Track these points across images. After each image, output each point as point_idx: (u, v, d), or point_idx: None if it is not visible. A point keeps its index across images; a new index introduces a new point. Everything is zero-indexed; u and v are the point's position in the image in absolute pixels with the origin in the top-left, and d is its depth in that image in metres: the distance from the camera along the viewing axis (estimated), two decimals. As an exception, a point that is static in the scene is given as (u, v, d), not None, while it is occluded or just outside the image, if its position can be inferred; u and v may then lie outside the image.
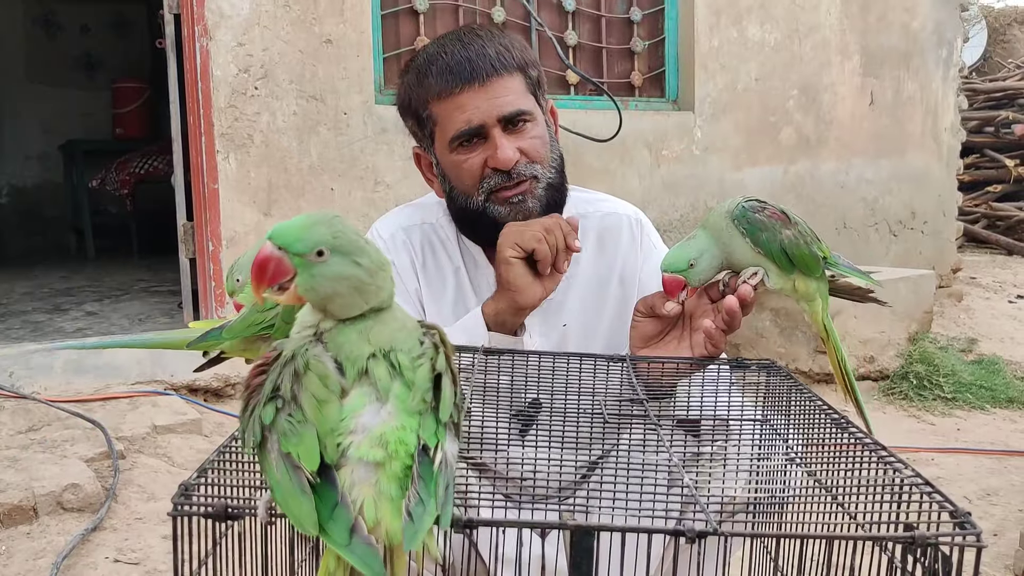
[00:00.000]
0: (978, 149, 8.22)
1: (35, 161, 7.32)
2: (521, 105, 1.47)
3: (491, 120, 1.45)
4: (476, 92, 1.44)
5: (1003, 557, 2.28)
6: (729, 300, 1.29)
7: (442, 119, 1.48)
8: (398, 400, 0.76)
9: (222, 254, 3.40)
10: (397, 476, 0.71)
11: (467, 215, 1.51)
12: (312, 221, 0.79)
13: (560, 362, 1.31)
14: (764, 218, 1.28)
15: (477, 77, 1.44)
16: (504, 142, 1.44)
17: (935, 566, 0.74)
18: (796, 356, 3.94)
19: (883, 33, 5.09)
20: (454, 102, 1.45)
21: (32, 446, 2.56)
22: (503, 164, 1.45)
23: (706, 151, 4.54)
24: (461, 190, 1.50)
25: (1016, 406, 3.81)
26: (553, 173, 1.51)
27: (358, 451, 0.72)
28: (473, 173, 1.47)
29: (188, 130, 3.50)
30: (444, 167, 1.53)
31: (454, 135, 1.46)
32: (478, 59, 1.45)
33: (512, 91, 1.46)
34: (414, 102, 1.52)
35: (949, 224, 5.57)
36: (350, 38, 3.62)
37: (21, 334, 3.61)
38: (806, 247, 1.30)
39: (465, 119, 1.45)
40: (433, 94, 1.47)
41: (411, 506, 0.70)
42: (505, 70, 1.46)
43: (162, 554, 2.15)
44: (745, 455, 1.20)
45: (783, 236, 1.28)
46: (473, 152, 1.47)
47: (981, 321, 5.11)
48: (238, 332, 1.11)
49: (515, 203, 1.47)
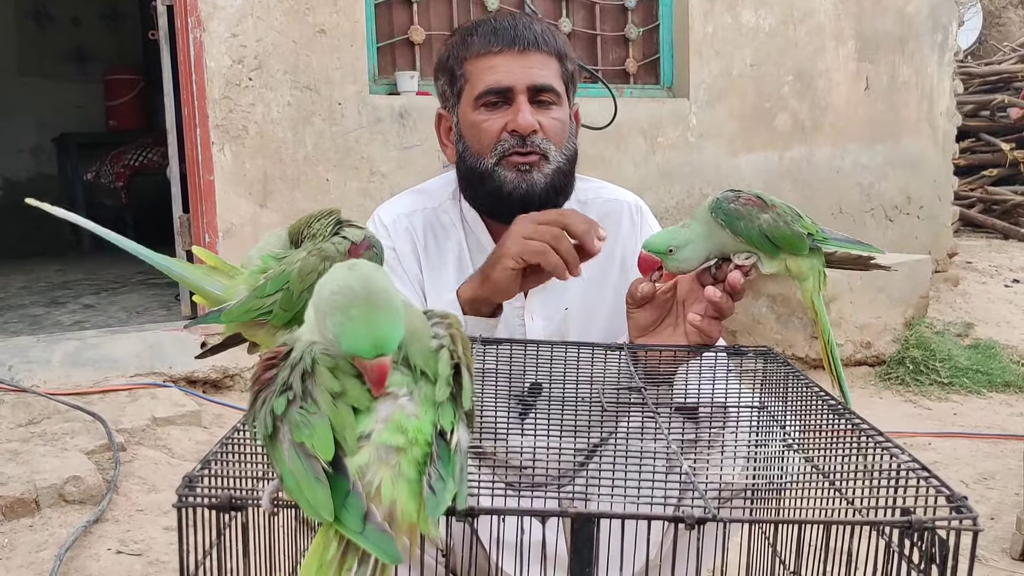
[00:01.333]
0: (974, 133, 8.22)
1: (29, 154, 7.28)
2: (551, 82, 1.51)
3: (520, 85, 1.48)
4: (513, 56, 1.49)
5: (1000, 540, 2.30)
6: (709, 290, 1.30)
7: (474, 76, 1.51)
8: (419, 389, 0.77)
9: (219, 245, 3.39)
10: (416, 461, 0.72)
11: (474, 175, 1.53)
12: (386, 322, 0.76)
13: (558, 350, 1.32)
14: (739, 207, 1.28)
15: (518, 43, 1.49)
16: (527, 108, 1.48)
17: (932, 550, 0.75)
18: (792, 342, 3.96)
19: (878, 18, 5.08)
20: (489, 61, 1.50)
21: (33, 439, 2.57)
22: (522, 127, 1.47)
23: (701, 138, 4.54)
24: (475, 150, 1.53)
25: (1012, 390, 3.83)
26: (564, 160, 1.53)
27: (380, 437, 0.72)
28: (491, 134, 1.50)
29: (183, 122, 3.49)
30: (463, 126, 1.55)
31: (482, 91, 1.50)
32: (523, 29, 1.51)
33: (547, 68, 1.51)
34: (452, 59, 1.55)
35: (945, 209, 5.57)
36: (343, 28, 3.61)
37: (19, 328, 3.61)
38: (786, 227, 1.29)
39: (496, 78, 1.49)
40: (472, 52, 1.51)
41: (432, 482, 0.72)
42: (545, 47, 1.51)
43: (164, 545, 2.16)
44: (743, 442, 1.21)
45: (761, 221, 1.28)
46: (495, 114, 1.50)
47: (977, 305, 5.12)
48: (236, 316, 1.11)
49: (522, 170, 1.49)
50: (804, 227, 1.31)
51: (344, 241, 1.14)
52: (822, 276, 1.34)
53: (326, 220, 1.20)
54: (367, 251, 1.15)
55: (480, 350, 1.29)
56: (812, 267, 1.34)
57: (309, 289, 1.07)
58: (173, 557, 2.10)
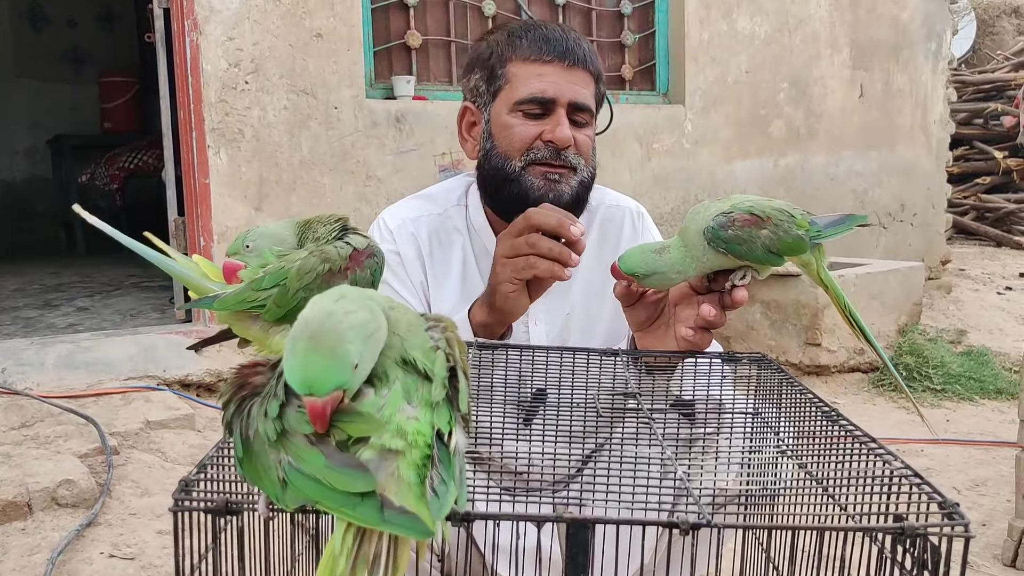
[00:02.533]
0: (967, 141, 8.26)
1: (23, 156, 7.27)
2: (590, 102, 1.54)
3: (563, 99, 1.50)
4: (562, 69, 1.50)
5: (992, 547, 2.31)
6: (704, 308, 1.29)
7: (517, 79, 1.52)
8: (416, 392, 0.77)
9: (213, 249, 3.39)
10: (415, 464, 0.72)
11: (500, 176, 1.53)
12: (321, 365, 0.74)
13: (554, 356, 1.32)
14: (737, 231, 1.25)
15: (568, 57, 1.51)
16: (566, 122, 1.50)
17: (924, 556, 0.75)
18: (786, 349, 3.97)
19: (873, 26, 5.11)
20: (538, 68, 1.51)
21: (25, 442, 2.56)
22: (561, 141, 1.49)
23: (696, 144, 4.55)
24: (503, 151, 1.53)
25: (1004, 397, 3.84)
26: (588, 175, 1.55)
27: (379, 440, 0.72)
28: (525, 139, 1.51)
29: (179, 125, 3.49)
30: (494, 126, 1.55)
31: (525, 97, 1.50)
32: (574, 44, 1.52)
33: (588, 87, 1.54)
34: (495, 56, 1.55)
35: (938, 216, 5.60)
36: (340, 32, 3.61)
37: (12, 330, 3.61)
38: (787, 236, 1.27)
39: (542, 87, 1.50)
40: (520, 55, 1.52)
41: (434, 484, 0.72)
42: (590, 67, 1.54)
43: (157, 549, 2.15)
44: (737, 448, 1.21)
45: (762, 238, 1.26)
46: (531, 122, 1.51)
47: (970, 313, 5.14)
48: (230, 305, 1.11)
49: (551, 180, 1.50)
50: (799, 226, 1.28)
51: (347, 247, 1.14)
52: (821, 255, 1.33)
53: (332, 225, 1.20)
54: (369, 259, 1.15)
55: (476, 355, 1.29)
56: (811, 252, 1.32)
57: (305, 288, 1.08)
58: (166, 561, 2.10)
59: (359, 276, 1.13)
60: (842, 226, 1.33)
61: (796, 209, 1.30)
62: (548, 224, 1.32)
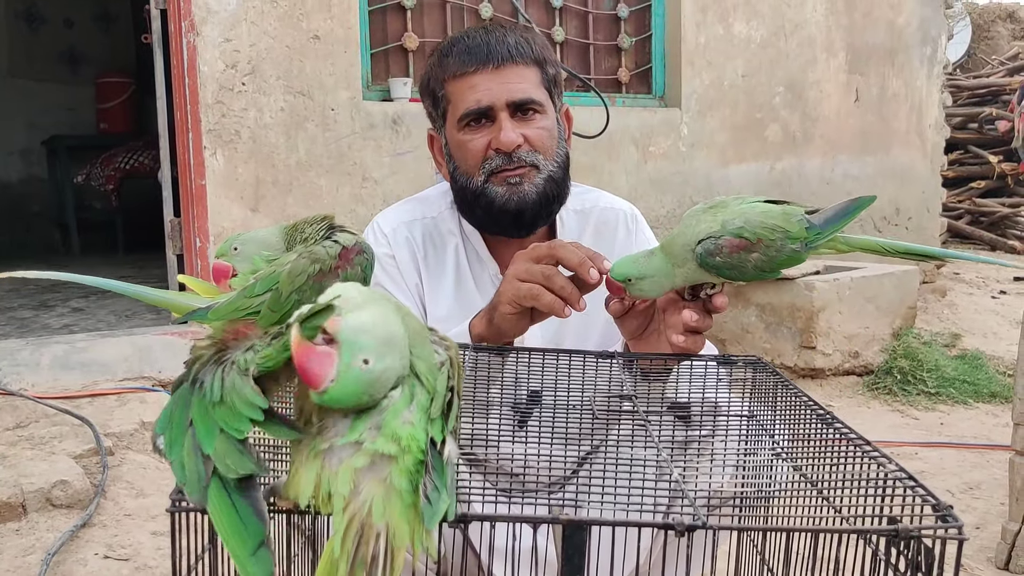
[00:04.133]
0: (962, 145, 8.28)
1: (18, 157, 7.26)
2: (532, 94, 1.51)
3: (499, 103, 1.49)
4: (489, 74, 1.49)
5: (985, 550, 2.31)
6: (685, 314, 1.29)
7: (455, 98, 1.52)
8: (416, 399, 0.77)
9: (209, 250, 3.39)
10: (408, 470, 0.72)
11: (467, 194, 1.54)
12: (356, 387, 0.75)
13: (549, 358, 1.33)
14: (725, 258, 1.23)
15: (492, 60, 1.49)
16: (508, 125, 1.49)
17: (918, 559, 0.76)
18: (781, 352, 3.97)
19: (868, 30, 5.12)
20: (468, 82, 1.50)
21: (20, 443, 2.56)
22: (504, 145, 1.48)
23: (692, 147, 4.56)
24: (464, 170, 1.54)
25: (998, 401, 3.85)
26: (555, 167, 1.53)
27: (372, 445, 0.73)
28: (476, 153, 1.51)
29: (175, 126, 3.49)
30: (451, 146, 1.56)
31: (463, 113, 1.50)
32: (496, 44, 1.50)
33: (525, 80, 1.51)
34: (432, 81, 1.56)
35: (933, 220, 5.61)
36: (337, 34, 3.62)
37: (7, 331, 3.60)
38: (779, 255, 1.24)
39: (475, 98, 1.49)
40: (450, 73, 1.52)
41: (428, 491, 0.72)
42: (521, 59, 1.51)
43: (152, 550, 2.15)
44: (732, 450, 1.22)
45: (752, 262, 1.24)
46: (479, 133, 1.51)
47: (964, 316, 5.16)
48: (224, 314, 1.11)
49: (512, 184, 1.49)
50: (794, 238, 1.24)
51: (335, 245, 1.15)
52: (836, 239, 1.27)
53: (318, 225, 1.20)
54: (358, 256, 1.15)
55: (472, 357, 1.29)
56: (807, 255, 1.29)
57: (298, 291, 1.08)
58: (160, 562, 2.10)
59: (350, 274, 1.14)
60: (846, 216, 1.27)
61: (794, 214, 1.26)
62: (569, 261, 1.29)
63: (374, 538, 0.70)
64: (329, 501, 0.72)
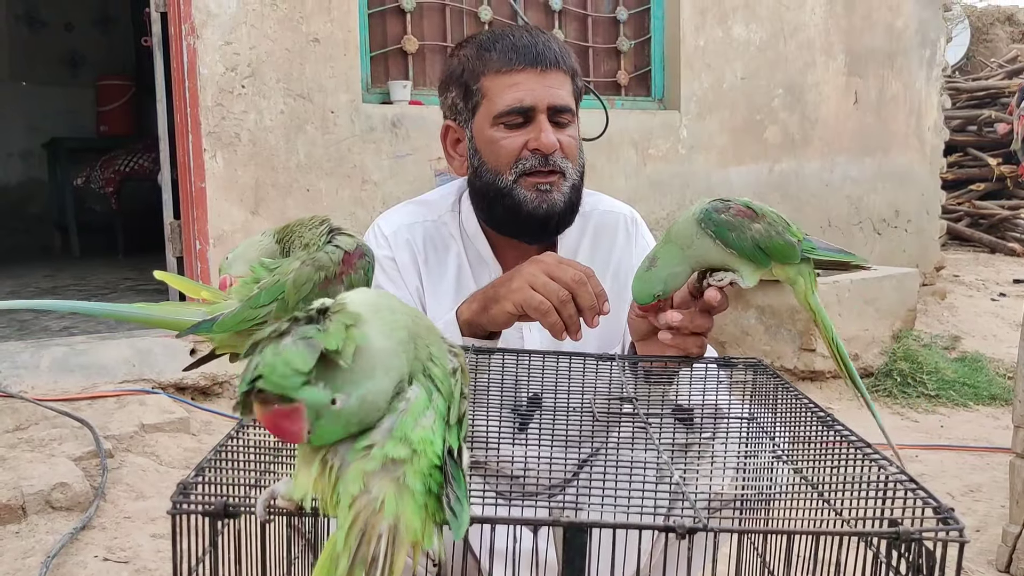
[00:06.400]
0: (961, 148, 8.29)
1: (18, 159, 7.26)
2: (568, 102, 1.53)
3: (542, 105, 1.50)
4: (535, 75, 1.50)
5: (986, 552, 2.31)
6: (670, 314, 1.30)
7: (493, 93, 1.51)
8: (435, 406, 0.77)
9: (209, 252, 3.39)
10: (421, 472, 0.71)
11: (491, 192, 1.53)
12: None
13: (550, 360, 1.33)
14: (730, 217, 1.26)
15: (540, 62, 1.50)
16: (549, 128, 1.50)
17: (919, 561, 0.76)
18: (781, 354, 3.97)
19: (867, 33, 5.13)
20: (511, 79, 1.50)
21: (20, 445, 2.55)
22: (546, 147, 1.49)
23: (692, 150, 4.56)
24: (492, 166, 1.53)
25: (998, 403, 3.85)
26: (578, 176, 1.55)
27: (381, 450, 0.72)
28: (511, 152, 1.51)
29: (175, 128, 3.49)
30: (479, 142, 1.55)
31: (503, 110, 1.50)
32: (544, 48, 1.51)
33: (564, 87, 1.53)
34: (467, 73, 1.55)
35: (932, 222, 5.62)
36: (337, 37, 3.62)
37: (7, 333, 3.60)
38: (779, 237, 1.27)
39: (518, 97, 1.49)
40: (492, 68, 1.51)
41: (452, 503, 0.72)
42: (563, 66, 1.53)
43: (151, 552, 2.15)
44: (733, 452, 1.22)
45: (753, 231, 1.26)
46: (515, 132, 1.51)
47: (964, 319, 5.16)
48: (230, 326, 1.10)
49: (542, 190, 1.50)
50: (793, 235, 1.29)
51: (337, 251, 1.14)
52: (812, 277, 1.32)
53: (318, 229, 1.20)
54: (360, 259, 1.15)
55: (473, 359, 1.29)
56: (800, 271, 1.32)
57: (305, 299, 1.07)
58: (160, 565, 2.09)
59: (353, 279, 1.14)
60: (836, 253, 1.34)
61: (794, 223, 1.31)
62: (583, 302, 1.32)
63: (376, 537, 0.69)
64: (335, 503, 0.71)
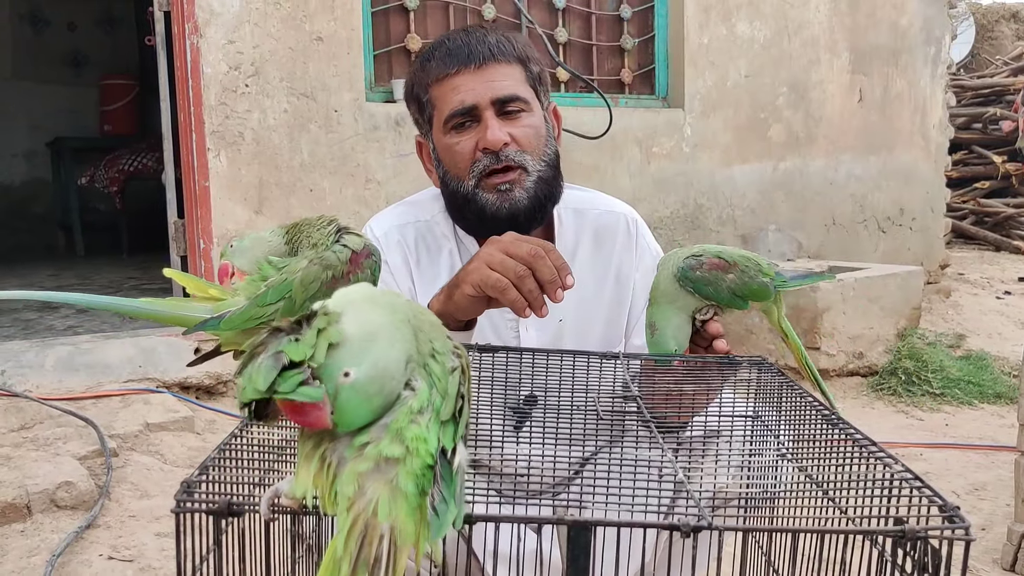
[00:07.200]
0: (966, 145, 8.27)
1: (22, 159, 7.27)
2: (516, 91, 1.49)
3: (483, 101, 1.47)
4: (472, 74, 1.48)
5: (991, 551, 2.31)
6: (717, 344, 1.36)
7: (439, 100, 1.51)
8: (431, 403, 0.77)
9: (213, 251, 3.40)
10: (414, 473, 0.71)
11: (458, 199, 1.52)
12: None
13: (554, 359, 1.32)
14: (704, 273, 1.34)
15: (473, 59, 1.48)
16: (494, 123, 1.47)
17: (924, 559, 0.75)
18: (785, 352, 3.97)
19: (872, 30, 5.12)
20: (450, 83, 1.49)
21: (25, 444, 2.56)
22: (491, 144, 1.46)
23: (696, 148, 4.56)
24: (454, 174, 1.52)
25: (1004, 401, 3.84)
26: (544, 167, 1.51)
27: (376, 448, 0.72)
28: (464, 156, 1.49)
29: (179, 127, 3.49)
30: (439, 151, 1.54)
31: (448, 115, 1.49)
32: (476, 44, 1.49)
33: (509, 77, 1.50)
34: (416, 87, 1.55)
35: (937, 220, 5.60)
36: (340, 35, 3.62)
37: (12, 332, 3.60)
38: (752, 281, 1.36)
39: (459, 99, 1.48)
40: (432, 77, 1.51)
41: (435, 503, 0.71)
42: (503, 57, 1.50)
43: (156, 551, 2.15)
44: (737, 451, 1.21)
45: (727, 282, 1.34)
46: (466, 135, 1.49)
47: (969, 317, 5.14)
48: (237, 324, 1.10)
49: (503, 191, 1.47)
50: (764, 273, 1.37)
51: (345, 250, 1.14)
52: (782, 303, 1.43)
53: (326, 229, 1.20)
54: (367, 259, 1.15)
55: (476, 358, 1.29)
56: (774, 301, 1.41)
57: (312, 298, 1.07)
58: (165, 563, 2.10)
59: (360, 278, 1.14)
60: (807, 279, 1.47)
61: (763, 260, 1.41)
62: (542, 275, 1.27)
63: (377, 539, 0.69)
64: (334, 502, 0.72)
